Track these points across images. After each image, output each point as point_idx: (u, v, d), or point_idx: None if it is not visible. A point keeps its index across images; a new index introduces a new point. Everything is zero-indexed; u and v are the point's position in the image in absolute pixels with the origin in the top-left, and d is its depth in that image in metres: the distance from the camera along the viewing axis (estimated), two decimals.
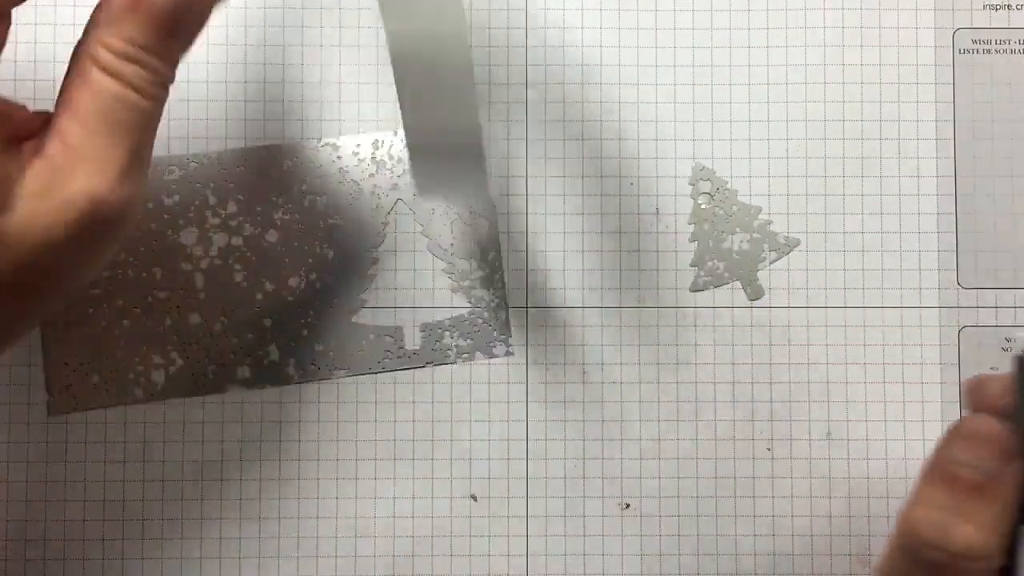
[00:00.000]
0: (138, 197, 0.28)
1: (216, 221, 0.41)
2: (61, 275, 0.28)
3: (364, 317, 0.41)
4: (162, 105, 0.29)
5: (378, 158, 0.41)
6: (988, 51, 0.42)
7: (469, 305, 0.41)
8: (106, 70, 0.27)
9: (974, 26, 0.42)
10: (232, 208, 0.41)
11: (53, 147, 0.27)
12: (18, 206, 0.26)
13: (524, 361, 0.41)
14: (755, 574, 0.41)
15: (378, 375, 0.41)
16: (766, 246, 0.41)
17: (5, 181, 0.26)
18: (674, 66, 0.42)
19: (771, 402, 0.41)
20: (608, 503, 0.41)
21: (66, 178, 0.26)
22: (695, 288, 0.41)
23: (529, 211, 0.41)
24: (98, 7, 0.28)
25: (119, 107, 0.27)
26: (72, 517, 0.40)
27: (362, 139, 0.41)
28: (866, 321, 0.41)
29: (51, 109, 0.29)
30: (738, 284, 0.41)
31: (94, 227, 0.27)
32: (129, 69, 0.27)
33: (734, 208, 0.41)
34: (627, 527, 0.41)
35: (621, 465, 0.41)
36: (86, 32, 0.28)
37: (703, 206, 0.41)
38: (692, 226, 0.42)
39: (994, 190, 0.42)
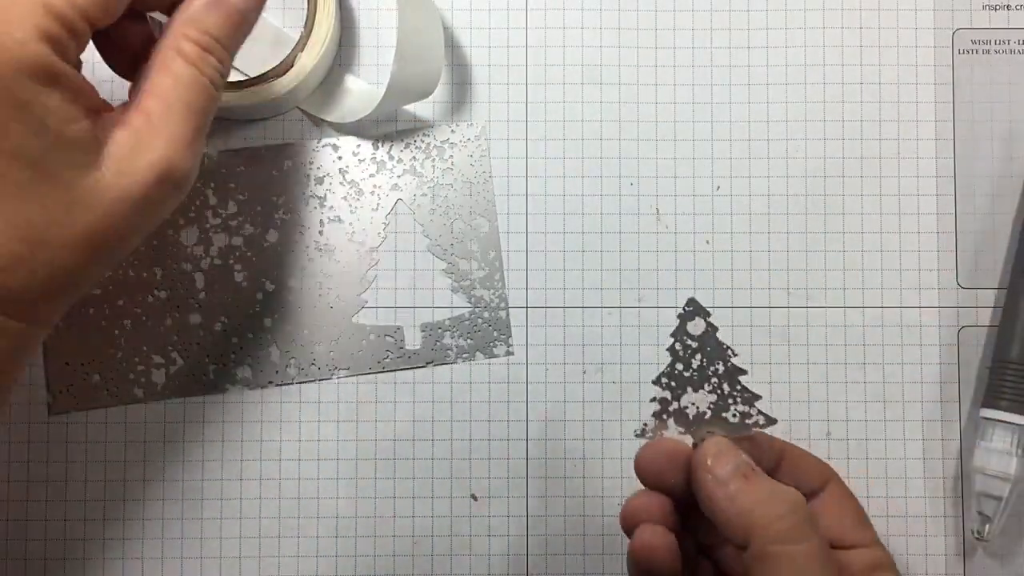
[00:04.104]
0: (196, 169, 0.33)
1: (216, 221, 0.41)
2: (129, 233, 0.32)
3: (364, 317, 0.41)
4: (221, 93, 0.33)
5: (378, 158, 0.41)
6: (988, 51, 0.42)
7: (469, 305, 0.41)
8: (188, 59, 0.32)
9: (974, 26, 0.42)
10: (232, 208, 0.41)
11: (136, 120, 0.31)
12: (104, 166, 0.30)
13: (524, 361, 0.41)
14: None
15: (378, 375, 0.41)
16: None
17: (94, 143, 0.30)
18: (674, 66, 0.42)
19: (771, 402, 0.41)
20: (608, 503, 0.41)
21: (147, 146, 0.31)
22: None
23: (529, 211, 0.41)
24: (181, 6, 0.33)
25: (195, 91, 0.32)
26: (72, 517, 0.40)
27: (362, 139, 0.41)
28: (866, 321, 0.41)
29: None
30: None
31: (165, 188, 0.31)
32: (206, 59, 0.32)
33: None
34: None
35: (620, 465, 0.41)
36: (167, 31, 0.33)
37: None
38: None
39: (994, 190, 0.42)
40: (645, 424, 0.34)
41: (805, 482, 0.34)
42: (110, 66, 0.34)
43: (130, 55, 0.34)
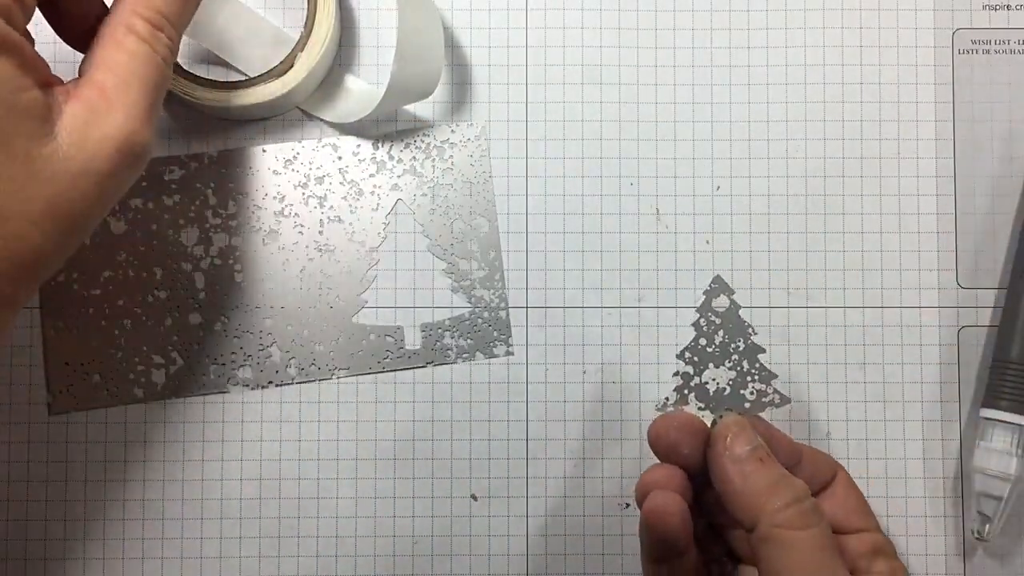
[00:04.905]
0: (153, 145, 0.33)
1: (216, 221, 0.41)
2: (91, 208, 0.31)
3: (364, 317, 0.41)
4: (171, 70, 0.34)
5: (378, 158, 0.41)
6: (987, 51, 0.42)
7: (469, 305, 0.41)
8: (140, 37, 0.32)
9: (973, 26, 0.42)
10: (232, 208, 0.41)
11: (91, 93, 0.31)
12: (60, 138, 0.30)
13: (524, 361, 0.41)
14: None
15: (378, 375, 0.41)
16: None
17: (48, 113, 0.30)
18: (674, 66, 0.42)
19: None
20: (608, 503, 0.41)
21: (104, 119, 0.31)
22: None
23: (529, 211, 0.41)
24: None
25: (150, 68, 0.32)
26: (72, 517, 0.40)
27: (362, 139, 0.41)
28: (866, 321, 0.41)
29: None
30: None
31: (125, 161, 0.31)
32: (157, 37, 0.32)
33: None
34: (627, 527, 0.41)
35: (621, 465, 0.41)
36: (117, 7, 0.33)
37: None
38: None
39: (994, 190, 0.42)
40: (666, 398, 0.34)
41: (819, 477, 0.36)
42: (60, 36, 0.34)
43: (80, 24, 0.34)
